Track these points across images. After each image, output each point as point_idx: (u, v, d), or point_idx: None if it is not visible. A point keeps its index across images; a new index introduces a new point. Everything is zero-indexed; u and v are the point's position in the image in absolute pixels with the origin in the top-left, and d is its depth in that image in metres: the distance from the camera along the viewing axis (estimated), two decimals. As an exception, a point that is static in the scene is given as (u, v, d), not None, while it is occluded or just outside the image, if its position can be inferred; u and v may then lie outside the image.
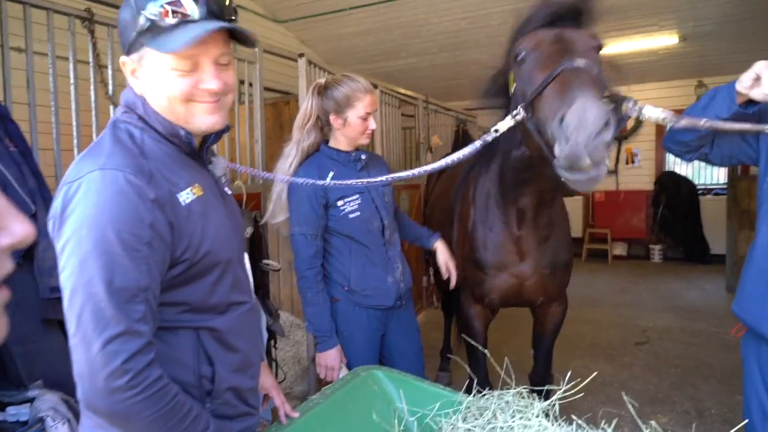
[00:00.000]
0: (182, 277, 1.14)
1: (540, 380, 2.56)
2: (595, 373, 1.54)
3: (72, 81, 2.38)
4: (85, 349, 0.98)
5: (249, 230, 3.06)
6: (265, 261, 3.33)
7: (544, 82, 1.54)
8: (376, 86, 4.67)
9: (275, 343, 3.44)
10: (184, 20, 1.07)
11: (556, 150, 1.34)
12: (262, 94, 3.47)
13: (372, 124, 2.17)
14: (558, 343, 2.69)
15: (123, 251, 1.00)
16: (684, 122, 1.53)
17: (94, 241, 0.99)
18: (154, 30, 1.07)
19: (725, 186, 7.38)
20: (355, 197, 2.18)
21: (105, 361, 0.97)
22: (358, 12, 6.88)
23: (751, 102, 1.60)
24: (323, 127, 2.23)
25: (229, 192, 1.37)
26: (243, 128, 3.48)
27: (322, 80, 2.22)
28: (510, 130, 1.71)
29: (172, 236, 1.09)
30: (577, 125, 1.23)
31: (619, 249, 9.38)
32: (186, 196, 1.14)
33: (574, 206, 9.47)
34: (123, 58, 1.15)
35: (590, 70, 1.49)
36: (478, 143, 1.68)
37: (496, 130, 1.69)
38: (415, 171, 1.81)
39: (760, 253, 1.68)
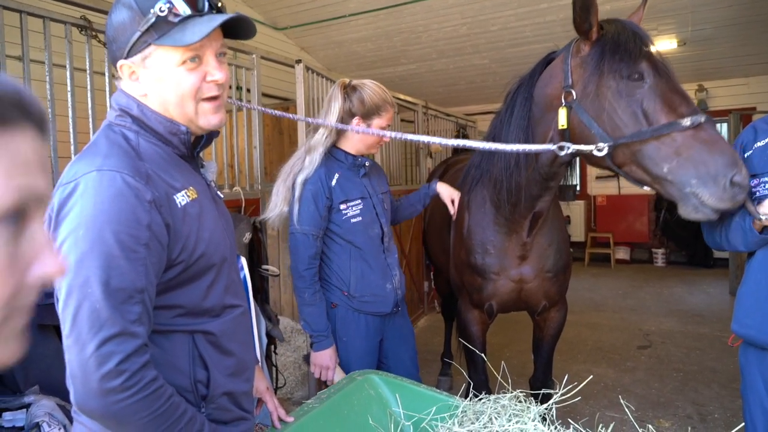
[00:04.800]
0: (177, 279, 1.13)
1: (540, 385, 2.54)
2: (590, 377, 1.53)
3: (69, 89, 2.39)
4: (80, 349, 0.97)
5: (248, 236, 3.06)
6: (265, 266, 3.33)
7: (675, 127, 1.55)
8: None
9: (275, 348, 3.44)
10: (192, 15, 1.11)
11: (721, 199, 1.49)
12: (260, 101, 3.48)
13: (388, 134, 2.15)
14: (560, 347, 2.68)
15: (120, 252, 1.00)
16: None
17: (91, 241, 0.99)
18: (162, 27, 1.09)
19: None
20: (357, 202, 2.18)
21: (99, 362, 0.96)
22: (358, 19, 6.91)
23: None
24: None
25: (221, 196, 1.37)
26: (242, 134, 3.49)
27: (347, 80, 2.21)
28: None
29: (168, 238, 1.09)
30: (746, 184, 1.48)
31: (622, 253, 9.36)
32: (182, 198, 1.14)
33: (576, 211, 9.46)
34: (122, 62, 1.13)
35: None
36: (551, 146, 1.73)
37: (562, 147, 1.72)
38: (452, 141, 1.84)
39: (756, 267, 1.68)
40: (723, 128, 8.61)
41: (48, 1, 2.35)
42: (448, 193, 2.58)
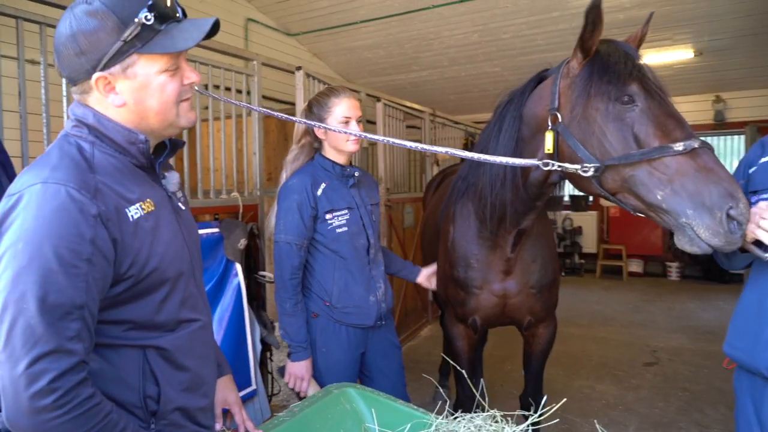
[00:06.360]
0: (127, 294, 1.11)
1: (529, 402, 2.48)
2: (564, 400, 1.47)
3: (20, 83, 2.23)
4: (12, 366, 0.95)
5: (243, 242, 3.06)
6: (261, 272, 3.32)
7: (667, 151, 1.46)
8: (379, 99, 4.67)
9: (271, 355, 3.42)
10: (172, 21, 1.14)
11: (717, 233, 1.38)
12: (261, 105, 3.47)
13: (353, 128, 2.13)
14: (564, 361, 2.60)
15: (59, 267, 0.98)
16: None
17: (29, 255, 0.97)
18: (146, 35, 1.10)
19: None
20: (344, 212, 2.17)
21: (31, 380, 0.94)
22: (369, 25, 6.91)
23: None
24: (314, 143, 2.27)
25: (183, 207, 1.35)
26: (241, 140, 3.50)
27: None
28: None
29: (115, 253, 1.06)
30: (743, 219, 1.37)
31: (635, 266, 9.18)
32: (135, 212, 1.12)
33: (588, 222, 9.33)
34: (98, 74, 1.10)
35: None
36: (536, 161, 1.67)
37: (546, 163, 1.66)
38: (440, 148, 1.79)
39: (749, 287, 1.63)
40: (741, 141, 8.44)
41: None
42: (426, 274, 2.59)
